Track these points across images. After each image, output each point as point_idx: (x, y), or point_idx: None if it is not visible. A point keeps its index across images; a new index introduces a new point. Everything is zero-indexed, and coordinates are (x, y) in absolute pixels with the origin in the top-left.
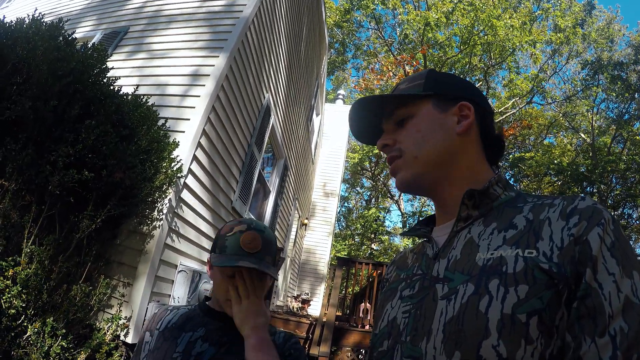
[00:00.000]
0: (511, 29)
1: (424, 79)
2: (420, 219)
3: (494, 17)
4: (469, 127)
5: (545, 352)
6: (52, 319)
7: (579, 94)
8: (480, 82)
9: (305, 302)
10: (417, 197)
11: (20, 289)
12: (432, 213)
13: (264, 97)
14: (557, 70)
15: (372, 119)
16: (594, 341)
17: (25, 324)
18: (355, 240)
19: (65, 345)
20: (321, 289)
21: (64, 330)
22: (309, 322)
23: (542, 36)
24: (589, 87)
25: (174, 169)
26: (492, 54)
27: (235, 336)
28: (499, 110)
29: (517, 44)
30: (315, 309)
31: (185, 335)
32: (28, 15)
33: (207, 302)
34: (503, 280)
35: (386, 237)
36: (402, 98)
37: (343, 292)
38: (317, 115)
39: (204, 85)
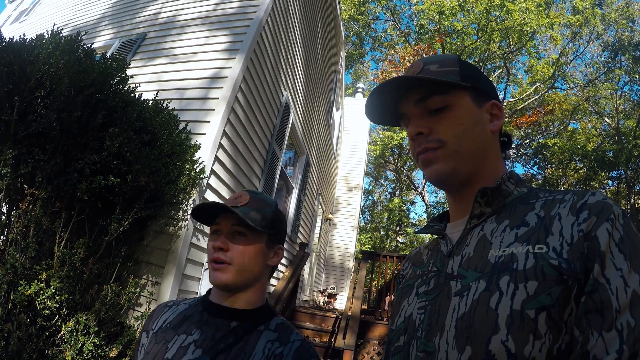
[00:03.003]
0: (527, 12)
1: (458, 66)
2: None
3: (508, 0)
4: (501, 128)
5: (554, 346)
6: (84, 317)
7: (601, 77)
8: (501, 69)
9: (332, 296)
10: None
11: (53, 290)
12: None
13: (283, 96)
14: (579, 54)
15: (390, 100)
16: (601, 335)
17: (59, 323)
18: (381, 233)
19: (98, 343)
20: (347, 283)
21: (96, 328)
22: (335, 316)
23: (559, 18)
24: (611, 69)
25: (197, 170)
26: (510, 40)
27: (236, 339)
28: (522, 96)
29: (535, 27)
30: (341, 303)
31: (178, 338)
32: (47, 31)
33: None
34: (513, 277)
35: (411, 229)
36: (445, 84)
37: (368, 285)
38: (337, 109)
39: (221, 88)
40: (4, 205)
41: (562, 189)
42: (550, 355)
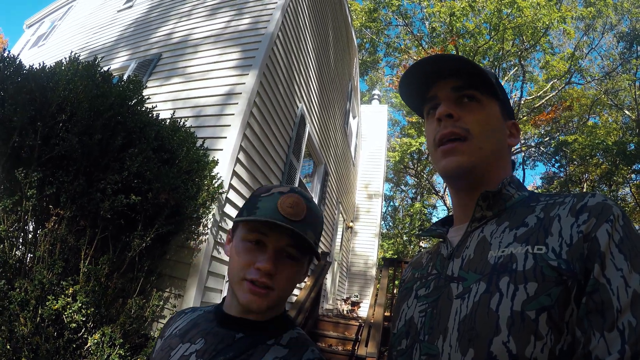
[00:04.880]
0: (538, 8)
1: (495, 79)
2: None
3: None
4: (514, 146)
5: (555, 347)
6: (110, 330)
7: (618, 68)
8: (516, 68)
9: (355, 304)
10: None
11: (80, 304)
12: (451, 213)
13: (298, 107)
14: (594, 47)
15: (425, 79)
16: (603, 336)
17: (86, 336)
18: (404, 238)
19: (123, 354)
20: (371, 291)
21: (121, 340)
22: (357, 323)
23: (571, 12)
24: (628, 60)
25: (215, 185)
26: (524, 37)
27: (237, 353)
28: (539, 94)
29: (548, 23)
30: (365, 310)
31: (182, 346)
32: (65, 58)
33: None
34: (513, 278)
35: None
36: (487, 83)
37: (391, 292)
38: (354, 117)
39: (236, 104)
40: (30, 224)
41: (585, 185)
42: (552, 355)
